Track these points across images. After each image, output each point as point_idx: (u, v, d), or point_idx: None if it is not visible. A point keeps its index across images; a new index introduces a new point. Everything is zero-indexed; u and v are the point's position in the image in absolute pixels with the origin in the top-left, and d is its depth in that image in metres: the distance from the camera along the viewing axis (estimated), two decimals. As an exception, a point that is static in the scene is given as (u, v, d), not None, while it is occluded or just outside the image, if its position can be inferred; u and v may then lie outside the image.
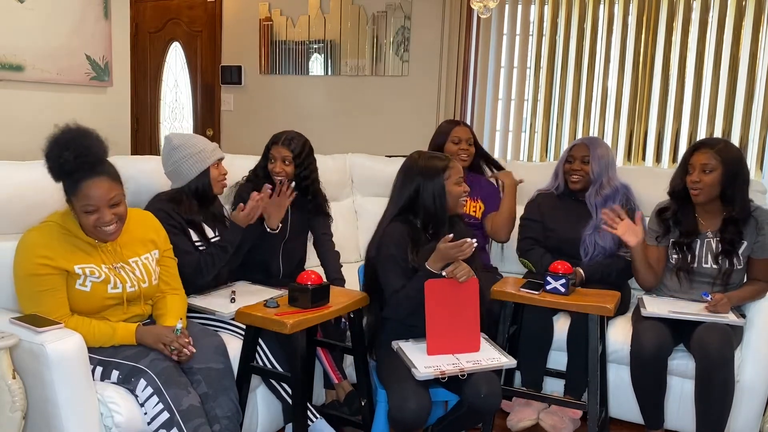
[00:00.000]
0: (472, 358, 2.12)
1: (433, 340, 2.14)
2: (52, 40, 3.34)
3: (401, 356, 2.13)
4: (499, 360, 2.12)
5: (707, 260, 2.55)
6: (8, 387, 1.79)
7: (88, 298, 2.00)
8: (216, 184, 2.50)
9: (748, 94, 3.79)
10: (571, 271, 2.37)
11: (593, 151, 2.77)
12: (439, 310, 2.14)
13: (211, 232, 2.51)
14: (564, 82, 4.25)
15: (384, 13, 4.68)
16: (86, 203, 1.93)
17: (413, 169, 2.27)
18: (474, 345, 2.19)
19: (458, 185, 2.27)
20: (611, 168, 2.81)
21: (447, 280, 2.14)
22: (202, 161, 2.44)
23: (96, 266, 2.02)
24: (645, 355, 2.39)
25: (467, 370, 2.05)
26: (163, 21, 5.46)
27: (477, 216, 2.99)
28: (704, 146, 2.50)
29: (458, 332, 2.17)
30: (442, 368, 2.04)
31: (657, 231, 2.64)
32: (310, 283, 2.13)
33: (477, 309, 2.19)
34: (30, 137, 3.18)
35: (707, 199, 2.50)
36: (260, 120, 4.98)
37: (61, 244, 1.98)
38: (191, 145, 2.45)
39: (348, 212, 3.52)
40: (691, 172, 2.50)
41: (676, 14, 3.91)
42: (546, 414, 2.66)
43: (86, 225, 1.97)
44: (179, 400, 1.93)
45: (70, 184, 1.95)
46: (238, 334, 2.33)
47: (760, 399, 2.46)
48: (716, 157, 2.45)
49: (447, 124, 3.12)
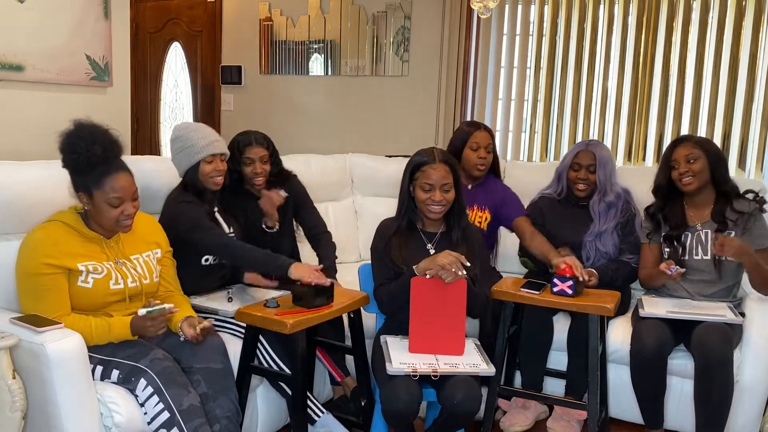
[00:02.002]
0: (450, 361, 2.09)
1: (416, 339, 2.13)
2: (52, 40, 3.34)
3: (383, 350, 2.13)
4: (477, 366, 2.08)
5: (698, 252, 2.57)
6: (8, 387, 1.79)
7: (90, 294, 2.01)
8: (207, 180, 2.43)
9: (748, 94, 3.79)
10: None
11: (599, 158, 2.77)
12: (424, 309, 2.12)
13: (227, 228, 2.51)
14: (564, 83, 4.25)
15: (384, 13, 4.68)
16: (113, 196, 1.99)
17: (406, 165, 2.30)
18: (458, 348, 2.15)
19: (423, 191, 2.22)
20: (613, 173, 2.81)
21: (434, 279, 2.10)
22: (189, 156, 2.42)
23: (98, 262, 2.03)
24: (645, 355, 2.39)
25: (440, 371, 2.03)
26: (163, 21, 5.47)
27: (482, 227, 2.89)
28: (682, 141, 2.62)
29: (442, 333, 2.14)
30: (416, 366, 2.02)
31: (648, 228, 2.68)
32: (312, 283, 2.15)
33: (464, 311, 2.14)
34: (30, 137, 3.20)
35: (700, 184, 2.56)
36: (260, 120, 4.98)
37: (66, 242, 2.00)
38: (185, 138, 2.44)
39: (348, 212, 3.53)
40: (677, 167, 2.58)
41: (676, 15, 3.91)
42: (553, 420, 2.65)
43: (108, 218, 2.01)
44: (179, 400, 1.93)
45: (95, 177, 1.98)
46: (239, 334, 2.34)
47: (760, 399, 2.46)
48: (696, 147, 2.56)
49: (467, 127, 2.96)
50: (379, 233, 2.31)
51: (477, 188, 2.93)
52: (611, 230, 2.75)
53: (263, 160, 2.64)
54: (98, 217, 2.03)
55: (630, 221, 2.77)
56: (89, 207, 2.02)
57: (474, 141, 2.88)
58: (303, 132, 4.95)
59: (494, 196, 2.90)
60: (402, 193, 2.29)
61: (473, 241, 2.30)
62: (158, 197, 2.48)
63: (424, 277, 2.11)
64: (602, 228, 2.74)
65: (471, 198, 2.88)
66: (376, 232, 2.32)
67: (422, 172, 2.21)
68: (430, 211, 2.23)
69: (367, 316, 2.43)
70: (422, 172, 2.21)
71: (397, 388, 1.99)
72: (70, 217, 2.05)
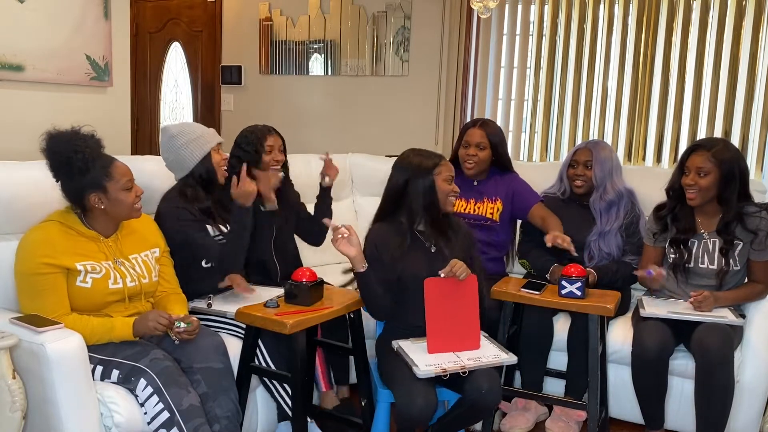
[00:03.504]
0: (473, 356, 2.13)
1: (434, 339, 2.14)
2: (52, 40, 3.34)
3: (402, 355, 2.13)
4: (499, 357, 2.14)
5: (704, 260, 2.55)
6: (8, 387, 1.79)
7: (89, 294, 2.01)
8: (218, 168, 2.47)
9: (748, 94, 3.79)
10: (585, 273, 2.36)
11: (596, 155, 2.76)
12: (439, 308, 2.14)
13: (225, 228, 2.50)
14: (564, 82, 4.25)
15: (384, 13, 4.68)
16: (126, 179, 2.06)
17: (404, 166, 2.28)
18: (474, 342, 2.19)
19: (447, 183, 2.26)
20: (615, 172, 2.79)
21: (446, 278, 2.14)
22: (202, 145, 2.43)
23: (97, 262, 2.03)
24: (647, 356, 2.39)
25: (469, 367, 2.06)
26: (163, 21, 5.46)
27: (494, 218, 2.88)
28: (701, 148, 2.50)
29: (458, 330, 2.17)
30: (444, 366, 2.04)
31: (654, 229, 2.65)
32: (305, 280, 2.17)
33: (477, 306, 2.19)
34: (30, 137, 3.19)
35: (702, 202, 2.50)
36: (260, 120, 4.90)
37: (63, 241, 2.00)
38: (190, 131, 2.45)
39: (348, 212, 3.52)
40: (687, 174, 2.51)
41: (676, 14, 3.91)
42: (552, 421, 2.65)
43: (127, 204, 2.06)
44: (179, 400, 1.93)
45: (101, 171, 2.02)
46: (239, 334, 2.33)
47: (760, 399, 2.46)
48: (712, 160, 2.45)
49: (466, 125, 2.98)
50: (371, 239, 2.27)
51: (482, 183, 2.94)
52: (615, 231, 2.74)
53: (280, 149, 2.69)
54: (116, 208, 2.05)
55: (635, 222, 2.77)
56: (104, 204, 2.03)
57: (466, 138, 2.89)
58: (303, 132, 4.94)
59: (505, 187, 2.90)
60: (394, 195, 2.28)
61: (466, 233, 2.37)
62: (158, 197, 2.47)
63: (437, 277, 2.12)
64: (605, 228, 2.74)
65: (478, 192, 2.91)
66: (368, 239, 2.28)
67: (442, 166, 2.25)
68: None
69: (368, 317, 2.43)
70: (442, 166, 2.26)
71: (413, 394, 1.99)
72: (66, 217, 2.05)
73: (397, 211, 2.28)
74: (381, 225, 2.31)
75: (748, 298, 2.53)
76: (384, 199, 2.33)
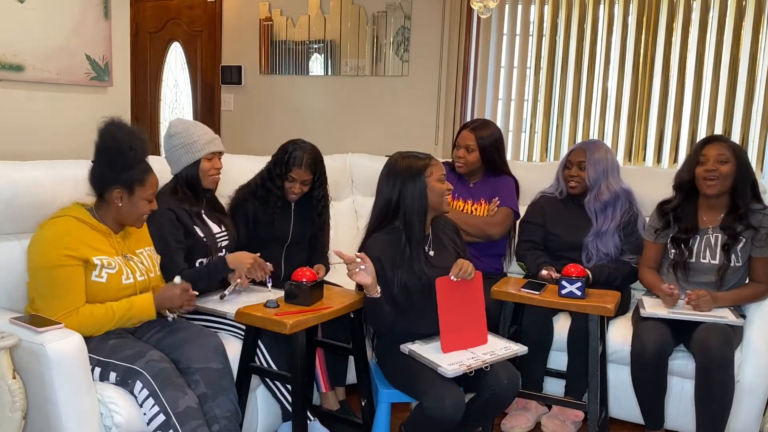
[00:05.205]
0: (487, 350, 2.16)
1: (447, 338, 2.15)
2: (52, 40, 3.33)
3: (417, 358, 2.12)
4: (511, 348, 2.19)
5: (705, 255, 2.55)
6: (8, 387, 1.79)
7: (104, 289, 2.03)
8: (205, 177, 2.46)
9: (748, 94, 3.78)
10: (585, 273, 2.36)
11: (590, 156, 2.77)
12: (450, 308, 2.15)
13: (216, 227, 2.51)
14: (564, 83, 4.24)
15: (384, 13, 4.67)
16: (152, 192, 2.10)
17: (394, 172, 2.25)
18: (482, 338, 2.23)
19: (440, 182, 2.25)
20: (611, 173, 2.79)
21: None
22: (193, 152, 2.43)
23: (110, 257, 2.05)
24: (646, 356, 2.39)
25: (489, 361, 2.08)
26: (163, 21, 5.46)
27: None
28: (715, 140, 2.54)
29: (468, 327, 2.19)
30: (466, 363, 2.05)
31: (656, 226, 2.64)
32: (305, 280, 2.18)
33: (482, 301, 2.22)
34: (30, 137, 3.20)
35: (721, 190, 2.50)
36: (260, 120, 4.98)
37: (81, 234, 2.02)
38: (187, 135, 2.45)
39: (348, 212, 3.52)
40: (705, 163, 2.49)
41: (676, 15, 3.91)
42: (548, 419, 2.65)
43: (140, 213, 2.09)
44: (175, 402, 1.93)
45: (140, 173, 2.06)
46: (238, 335, 2.33)
47: (760, 399, 2.46)
48: (730, 150, 2.48)
49: (463, 126, 3.04)
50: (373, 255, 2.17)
51: (477, 184, 2.99)
52: (612, 231, 2.74)
53: (305, 183, 2.64)
54: (130, 211, 2.07)
55: (632, 222, 2.77)
56: (122, 203, 2.05)
57: (457, 140, 2.96)
58: (303, 132, 4.89)
59: (493, 189, 2.94)
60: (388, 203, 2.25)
61: (449, 224, 2.40)
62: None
63: (447, 277, 2.13)
64: (602, 228, 2.74)
65: (475, 193, 2.95)
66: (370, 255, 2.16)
67: (433, 166, 2.24)
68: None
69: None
70: (432, 166, 2.24)
71: (442, 396, 1.99)
72: (78, 212, 2.07)
73: (393, 219, 2.26)
74: (378, 235, 2.26)
75: (749, 299, 2.53)
76: (378, 209, 2.29)
